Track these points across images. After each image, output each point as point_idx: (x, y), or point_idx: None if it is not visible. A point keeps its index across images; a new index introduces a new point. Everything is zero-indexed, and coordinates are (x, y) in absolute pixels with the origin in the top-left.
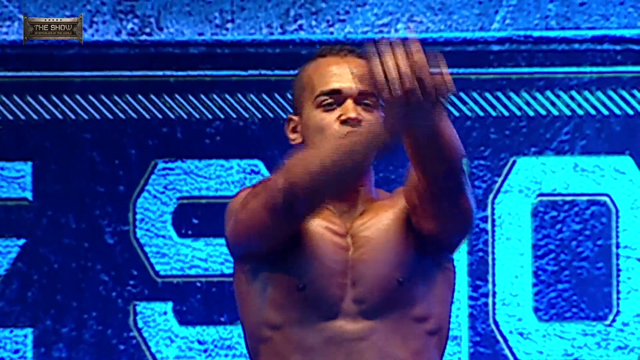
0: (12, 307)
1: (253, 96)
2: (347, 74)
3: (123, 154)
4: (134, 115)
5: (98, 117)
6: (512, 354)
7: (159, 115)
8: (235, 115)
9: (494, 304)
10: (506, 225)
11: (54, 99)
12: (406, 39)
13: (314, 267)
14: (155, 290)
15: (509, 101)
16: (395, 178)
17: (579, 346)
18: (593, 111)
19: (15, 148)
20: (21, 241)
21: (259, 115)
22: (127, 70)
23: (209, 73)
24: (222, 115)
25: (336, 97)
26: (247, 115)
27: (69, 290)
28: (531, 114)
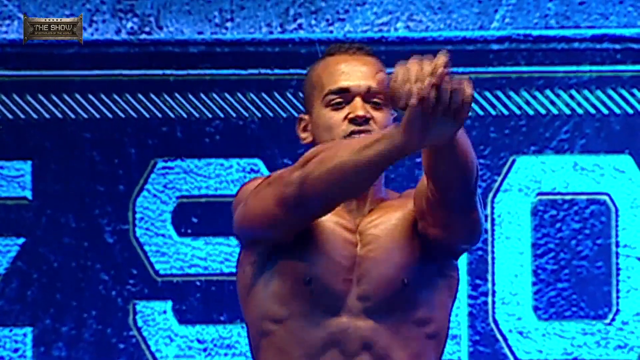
0: (12, 306)
1: (253, 95)
2: (356, 72)
3: (123, 153)
4: (134, 115)
5: (98, 116)
6: (512, 352)
7: (159, 115)
8: (234, 115)
9: (494, 302)
10: (506, 224)
11: (54, 98)
12: (436, 54)
13: (321, 261)
14: (154, 289)
15: (508, 100)
16: (395, 177)
17: (578, 345)
18: (593, 110)
19: (14, 147)
20: (21, 240)
21: (259, 115)
22: (127, 69)
23: (208, 72)
24: (222, 114)
25: (345, 96)
26: (247, 114)
27: (69, 290)
28: (531, 113)
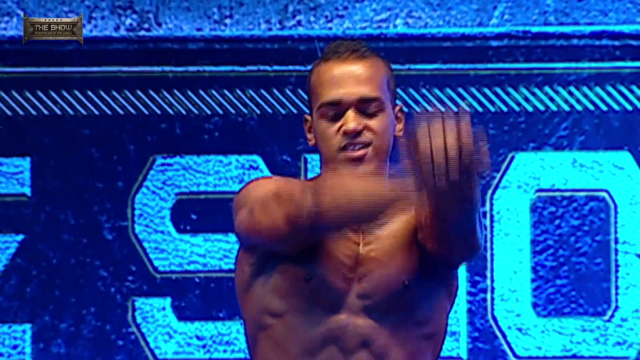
0: (11, 303)
1: (252, 92)
2: (348, 80)
3: (121, 149)
4: (133, 111)
5: (97, 113)
6: (511, 349)
7: (158, 111)
8: (233, 111)
9: (493, 299)
10: (505, 221)
11: (53, 94)
12: (457, 113)
13: (323, 259)
14: (153, 285)
15: (507, 97)
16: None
17: (577, 341)
18: (592, 107)
19: (13, 144)
20: (20, 237)
21: (258, 111)
22: (126, 66)
23: (207, 69)
24: (221, 111)
25: (338, 108)
26: (246, 111)
27: (68, 286)
28: (530, 109)
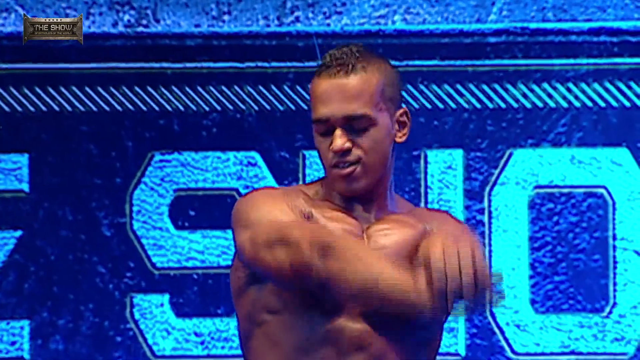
0: (9, 299)
1: (250, 88)
2: (335, 97)
3: (120, 146)
4: (131, 107)
5: (95, 109)
6: (509, 345)
7: (156, 107)
8: (232, 107)
9: None
10: (503, 218)
11: (51, 91)
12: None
13: None
14: (152, 282)
15: (505, 93)
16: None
17: (575, 338)
18: (590, 103)
19: (11, 140)
20: (18, 233)
21: (256, 107)
22: (124, 62)
23: (205, 65)
24: (219, 107)
25: (327, 125)
26: (244, 107)
27: (66, 282)
28: (528, 106)
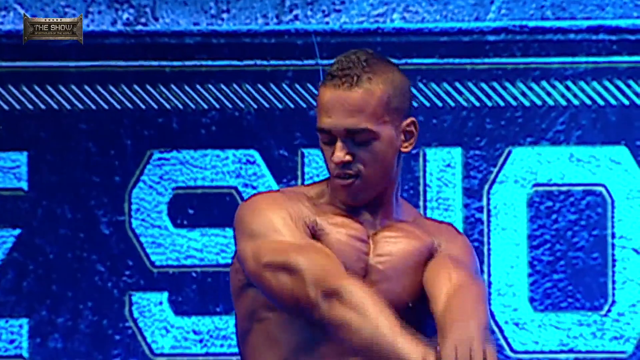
0: (8, 298)
1: (249, 86)
2: (338, 109)
3: (118, 144)
4: (130, 106)
5: (93, 108)
6: (508, 344)
7: (155, 106)
8: (230, 106)
9: (490, 294)
10: (502, 216)
11: (50, 89)
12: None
13: None
14: (150, 280)
15: (504, 91)
16: None
17: (574, 336)
18: (589, 101)
19: (10, 138)
20: (16, 231)
21: (255, 106)
22: (123, 61)
23: (204, 63)
24: (218, 106)
25: (329, 135)
26: (243, 105)
27: (65, 281)
28: (527, 104)
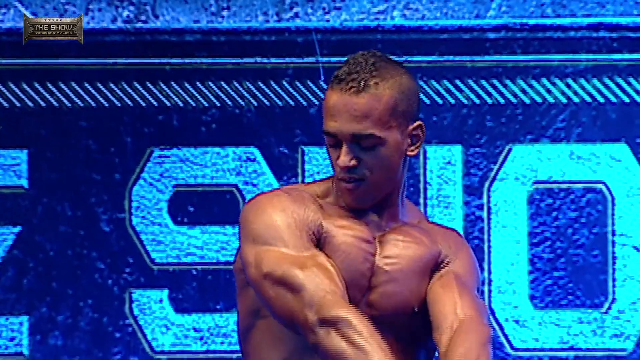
0: (8, 295)
1: (249, 84)
2: (344, 114)
3: (119, 141)
4: (130, 103)
5: (94, 105)
6: (508, 341)
7: (155, 103)
8: (231, 103)
9: (490, 291)
10: (502, 213)
11: (50, 86)
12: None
13: (337, 265)
14: (151, 277)
15: (504, 89)
16: None
17: (574, 334)
18: (589, 99)
19: (10, 136)
20: (17, 229)
21: (255, 103)
22: (123, 58)
23: (204, 61)
24: (218, 103)
25: (335, 139)
26: (243, 103)
27: (65, 278)
28: (527, 101)
